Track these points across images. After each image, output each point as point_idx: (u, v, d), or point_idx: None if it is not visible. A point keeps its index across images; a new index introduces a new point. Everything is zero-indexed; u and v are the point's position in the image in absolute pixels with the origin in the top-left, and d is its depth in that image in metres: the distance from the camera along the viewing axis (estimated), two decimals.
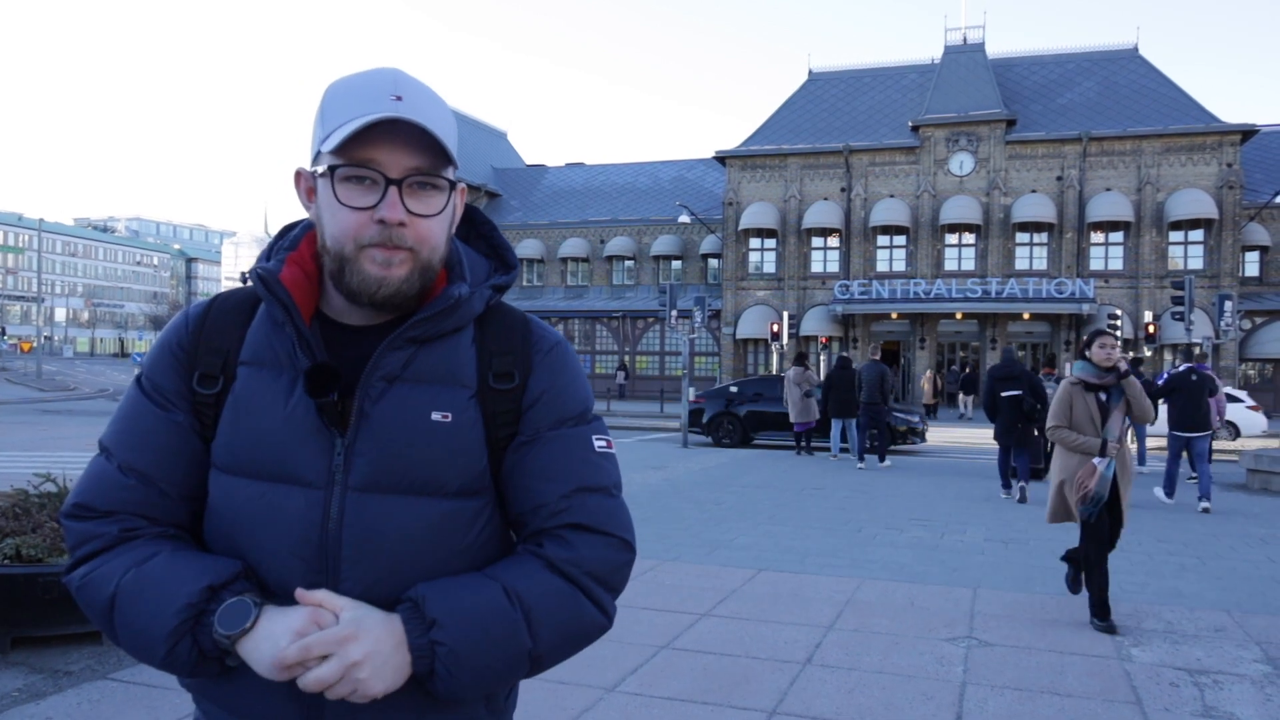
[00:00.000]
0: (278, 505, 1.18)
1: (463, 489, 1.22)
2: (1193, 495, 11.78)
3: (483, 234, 1.39)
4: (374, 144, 1.15)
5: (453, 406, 1.22)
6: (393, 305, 1.20)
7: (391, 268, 1.17)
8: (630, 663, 4.86)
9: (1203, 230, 34.67)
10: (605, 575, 1.23)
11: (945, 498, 11.73)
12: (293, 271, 1.23)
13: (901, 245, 37.70)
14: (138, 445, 1.23)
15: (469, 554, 1.23)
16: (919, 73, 39.67)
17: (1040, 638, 5.45)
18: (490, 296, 1.29)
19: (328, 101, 1.19)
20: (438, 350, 1.23)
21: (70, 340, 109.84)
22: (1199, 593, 6.74)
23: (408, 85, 1.19)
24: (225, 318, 1.27)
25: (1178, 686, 4.66)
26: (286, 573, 1.17)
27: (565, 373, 1.30)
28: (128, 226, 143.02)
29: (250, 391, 1.21)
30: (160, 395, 1.24)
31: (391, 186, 1.15)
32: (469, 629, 1.13)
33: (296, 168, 1.27)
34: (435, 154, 1.18)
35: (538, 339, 1.30)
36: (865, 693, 4.51)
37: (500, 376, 1.25)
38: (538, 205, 46.36)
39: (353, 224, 1.16)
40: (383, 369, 1.19)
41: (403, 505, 1.18)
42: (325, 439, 1.18)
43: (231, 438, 1.21)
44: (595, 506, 1.24)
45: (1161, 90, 36.30)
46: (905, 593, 6.52)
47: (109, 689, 4.27)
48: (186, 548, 1.21)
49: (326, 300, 1.26)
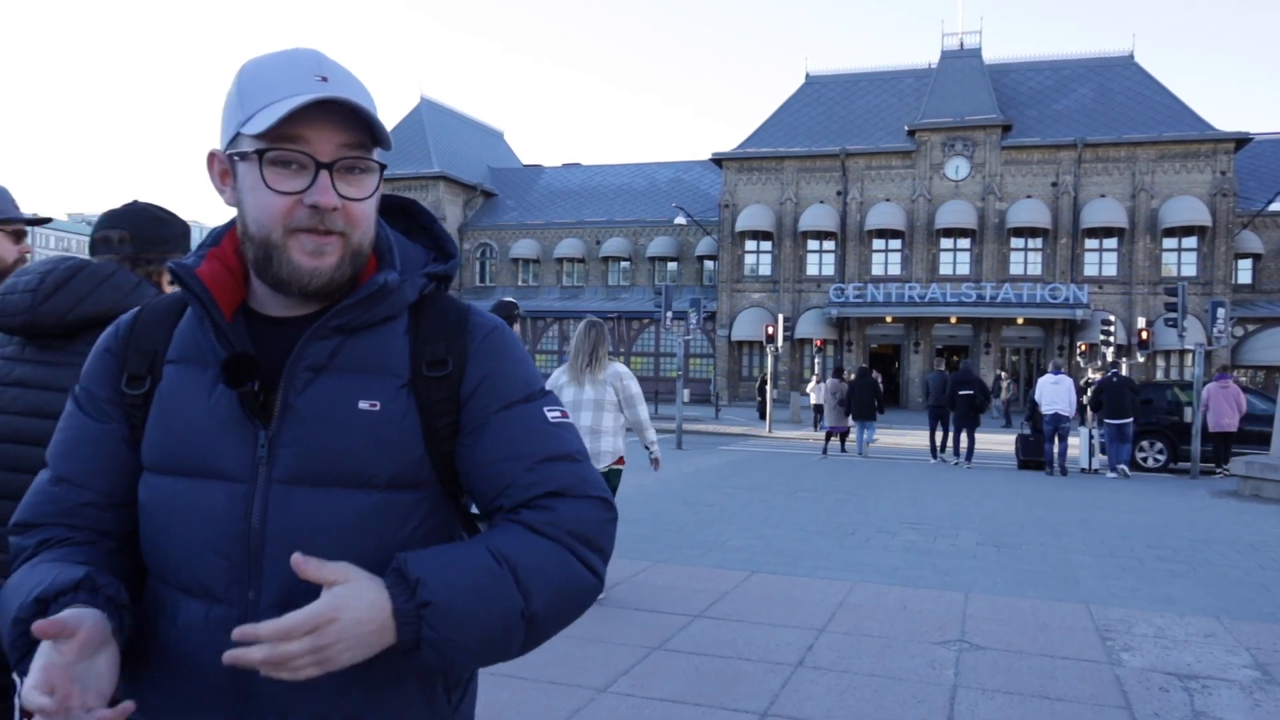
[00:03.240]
0: (199, 501, 1.16)
1: (395, 481, 1.18)
2: (1186, 497, 11.82)
3: (423, 225, 1.35)
4: (302, 125, 1.11)
5: (381, 395, 1.18)
6: (324, 295, 1.18)
7: (323, 257, 1.15)
8: (622, 664, 4.86)
9: (1196, 237, 34.79)
10: (588, 534, 1.19)
11: (938, 501, 11.76)
12: (212, 266, 1.21)
13: (897, 249, 37.75)
14: (68, 455, 1.23)
15: (409, 547, 1.16)
16: (916, 77, 39.74)
17: (1031, 642, 5.47)
18: (424, 285, 1.25)
19: (246, 81, 1.15)
20: (366, 339, 1.20)
21: None
22: (1189, 598, 6.76)
23: (330, 66, 1.16)
24: (155, 319, 1.27)
25: (1167, 691, 4.68)
26: (210, 571, 1.15)
27: (505, 357, 1.26)
28: None
29: (174, 388, 1.20)
30: (91, 403, 1.24)
31: (323, 170, 1.12)
32: (457, 586, 1.08)
33: (210, 150, 1.22)
34: (364, 134, 1.15)
35: (474, 325, 1.26)
36: (857, 695, 4.52)
37: (433, 364, 1.21)
38: (534, 205, 46.31)
39: (280, 208, 1.13)
40: (307, 359, 1.17)
41: (330, 498, 1.15)
42: (248, 431, 1.16)
43: (157, 436, 1.20)
44: (564, 473, 1.21)
45: (1156, 98, 36.43)
46: (897, 596, 6.54)
47: None
48: (66, 558, 1.15)
49: (253, 294, 1.23)
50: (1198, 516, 11.08)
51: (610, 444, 6.27)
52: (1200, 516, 11.09)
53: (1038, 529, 9.78)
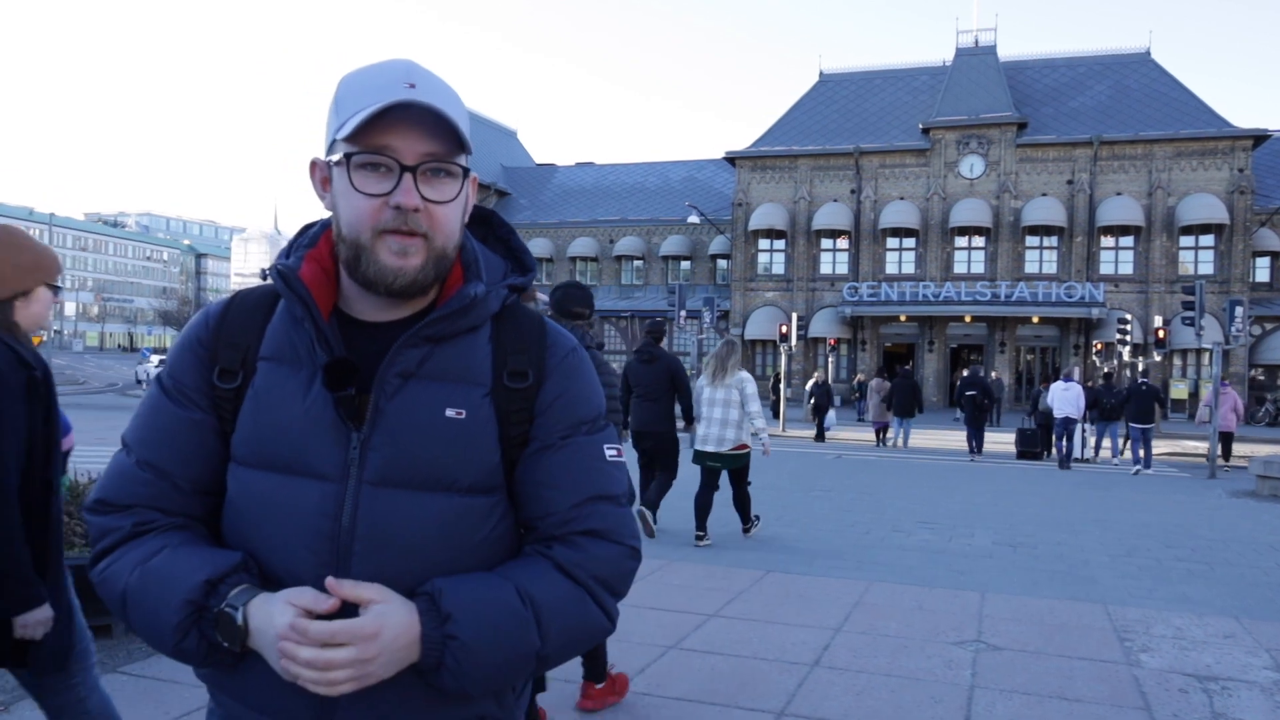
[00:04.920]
0: (292, 498, 1.19)
1: (474, 485, 1.23)
2: (1200, 498, 11.73)
3: (501, 237, 1.41)
4: (388, 130, 1.16)
5: (467, 404, 1.23)
6: (409, 295, 1.22)
7: (408, 257, 1.18)
8: (638, 663, 4.86)
9: (1213, 235, 34.53)
10: (612, 580, 1.26)
11: (952, 500, 11.71)
12: (311, 268, 1.25)
13: (911, 248, 37.63)
14: (154, 441, 1.25)
15: (480, 550, 1.24)
16: (930, 75, 39.59)
17: (1048, 642, 5.44)
18: (506, 296, 1.30)
19: (342, 91, 1.21)
20: (453, 348, 1.24)
21: (80, 334, 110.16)
22: (1208, 599, 6.71)
23: (420, 74, 1.20)
24: (245, 314, 1.29)
25: (1187, 693, 4.65)
26: (298, 565, 1.19)
27: (580, 379, 1.32)
28: (138, 222, 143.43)
29: (269, 386, 1.23)
30: (180, 392, 1.26)
31: (406, 173, 1.16)
32: (482, 626, 1.14)
33: (311, 158, 1.28)
34: (449, 140, 1.19)
35: (553, 343, 1.32)
36: (873, 695, 4.50)
37: (515, 375, 1.26)
38: (547, 204, 46.37)
39: (368, 210, 1.17)
40: (398, 365, 1.21)
41: (415, 500, 1.19)
42: (341, 433, 1.20)
43: (250, 431, 1.23)
44: (605, 514, 1.27)
45: (1173, 94, 36.17)
46: (913, 596, 6.51)
47: (119, 683, 4.29)
48: (192, 541, 1.23)
49: (344, 297, 1.27)
50: (1215, 516, 11.01)
51: (734, 434, 7.98)
52: (1218, 516, 11.01)
53: (1054, 528, 9.73)
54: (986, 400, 18.87)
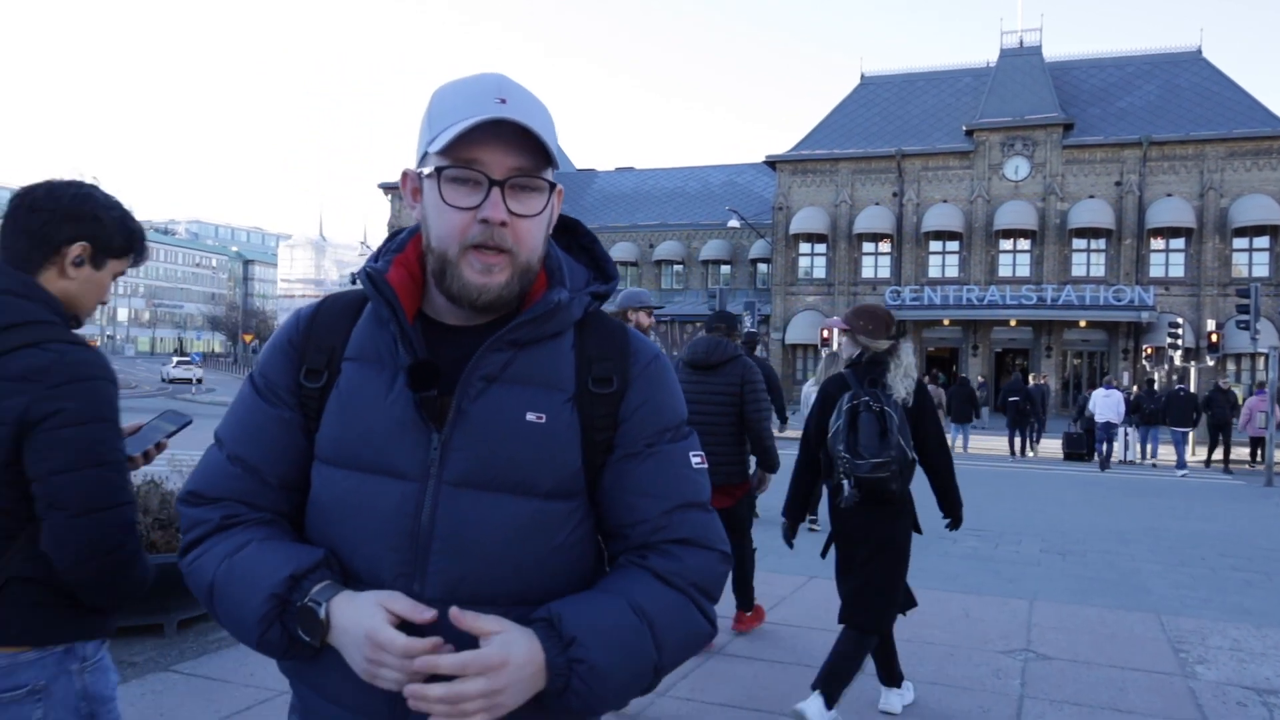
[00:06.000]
0: (373, 496, 1.21)
1: (554, 490, 1.24)
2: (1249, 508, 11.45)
3: (584, 245, 1.43)
4: (479, 145, 1.18)
5: (549, 409, 1.24)
6: (493, 309, 1.24)
7: (492, 274, 1.21)
8: (681, 669, 4.83)
9: (1268, 237, 33.68)
10: (708, 586, 1.27)
11: (999, 507, 11.53)
12: (399, 272, 1.28)
13: (954, 251, 37.18)
14: (245, 437, 1.29)
15: (557, 555, 1.24)
16: (974, 76, 39.13)
17: (1099, 652, 5.33)
18: (589, 303, 1.32)
19: (435, 105, 1.23)
20: (537, 353, 1.26)
21: (132, 339, 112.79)
22: (1266, 609, 6.54)
23: (511, 89, 1.22)
24: (333, 316, 1.33)
25: (1245, 706, 4.53)
26: (377, 562, 1.20)
27: (664, 386, 1.33)
28: (187, 229, 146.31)
29: (353, 386, 1.26)
30: (269, 390, 1.30)
31: (494, 187, 1.19)
32: (609, 646, 1.15)
33: (403, 169, 1.31)
34: (536, 155, 1.21)
35: (636, 350, 1.33)
36: (921, 704, 4.44)
37: (599, 381, 1.28)
38: (587, 209, 46.54)
39: (457, 224, 1.20)
40: (483, 369, 1.22)
41: (495, 502, 1.20)
42: (423, 433, 1.21)
43: (334, 430, 1.25)
44: (695, 521, 1.28)
45: (1225, 93, 35.37)
46: (960, 603, 6.42)
47: (171, 681, 4.36)
48: (278, 535, 1.26)
49: (429, 301, 1.30)
50: (1272, 525, 10.74)
51: None
52: (1275, 525, 10.74)
53: (1103, 536, 9.54)
54: (1028, 405, 20.41)
